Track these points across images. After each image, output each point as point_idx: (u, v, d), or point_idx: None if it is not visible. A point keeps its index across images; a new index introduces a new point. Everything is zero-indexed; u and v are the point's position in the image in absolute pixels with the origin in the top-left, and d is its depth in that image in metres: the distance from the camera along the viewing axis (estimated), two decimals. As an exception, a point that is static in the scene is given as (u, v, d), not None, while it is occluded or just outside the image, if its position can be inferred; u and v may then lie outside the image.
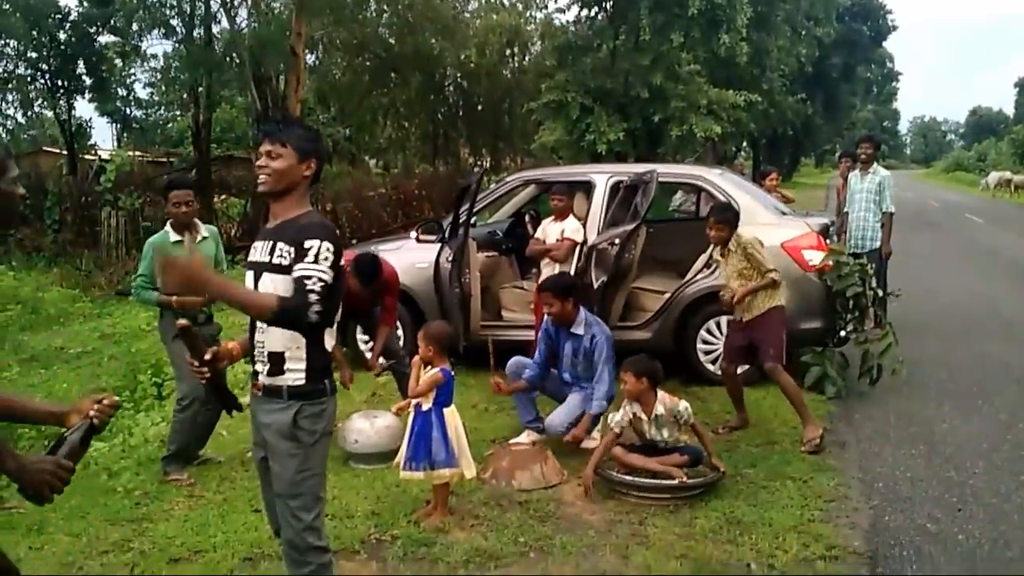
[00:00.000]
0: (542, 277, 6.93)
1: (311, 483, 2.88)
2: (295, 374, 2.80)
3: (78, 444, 2.25)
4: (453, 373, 4.36)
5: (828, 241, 6.80)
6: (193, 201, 5.14)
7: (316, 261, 2.68)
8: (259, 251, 2.84)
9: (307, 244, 2.70)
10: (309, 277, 2.66)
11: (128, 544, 4.16)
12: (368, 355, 6.37)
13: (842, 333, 6.69)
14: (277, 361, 2.80)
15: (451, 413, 4.30)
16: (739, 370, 5.87)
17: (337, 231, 2.84)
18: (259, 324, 2.82)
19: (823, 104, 34.93)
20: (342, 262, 2.79)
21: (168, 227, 5.11)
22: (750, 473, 4.85)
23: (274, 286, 2.74)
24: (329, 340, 2.84)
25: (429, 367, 4.29)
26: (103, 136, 65.42)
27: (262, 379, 2.85)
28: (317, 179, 2.91)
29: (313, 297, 2.65)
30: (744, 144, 38.68)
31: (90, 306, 12.39)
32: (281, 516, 2.90)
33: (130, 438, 6.17)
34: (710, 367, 6.73)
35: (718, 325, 6.69)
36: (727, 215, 5.64)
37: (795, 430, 5.49)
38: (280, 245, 2.76)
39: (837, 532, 4.09)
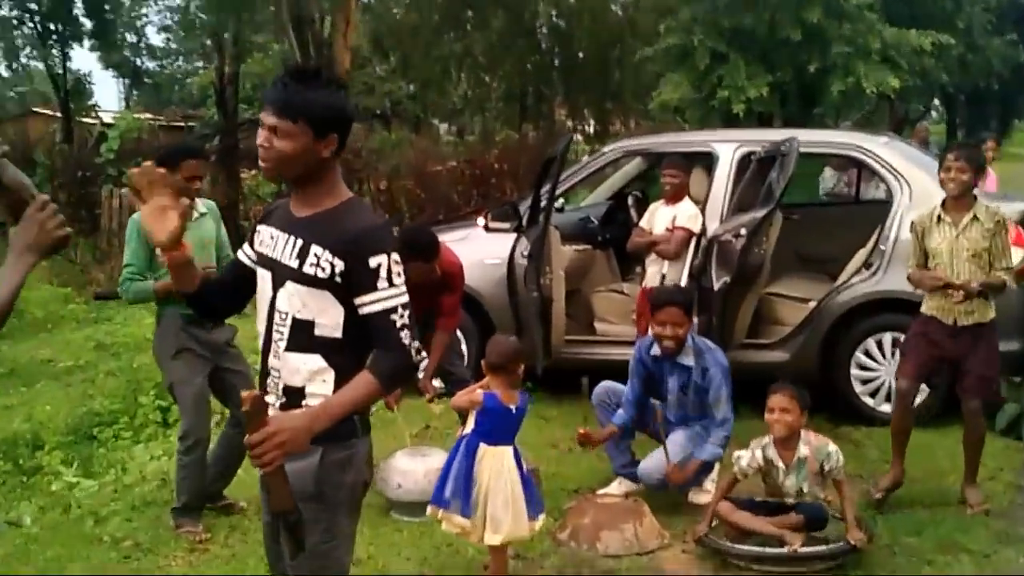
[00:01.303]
0: (647, 278, 6.98)
1: (339, 553, 2.82)
2: None
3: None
4: (515, 408, 4.36)
5: (1029, 233, 6.62)
6: (205, 175, 5.21)
7: (391, 283, 2.66)
8: (280, 246, 2.78)
9: (372, 263, 2.63)
10: (393, 310, 2.65)
11: (110, 609, 4.36)
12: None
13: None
14: (294, 396, 2.75)
15: (492, 454, 4.29)
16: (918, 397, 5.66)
17: (391, 226, 2.81)
18: (273, 345, 2.76)
19: (1044, 47, 33.81)
20: None
21: None
22: (912, 543, 4.78)
23: (300, 301, 2.68)
24: None
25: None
26: (107, 94, 67.69)
27: (272, 414, 2.68)
28: (342, 149, 2.78)
29: (406, 335, 2.66)
30: (936, 102, 37.76)
31: (85, 308, 12.90)
32: None
33: (123, 476, 6.44)
34: (868, 401, 6.66)
35: (880, 345, 6.62)
36: (973, 153, 5.30)
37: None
38: (317, 250, 2.68)
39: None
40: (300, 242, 2.71)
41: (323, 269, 2.65)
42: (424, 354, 2.71)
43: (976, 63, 23.85)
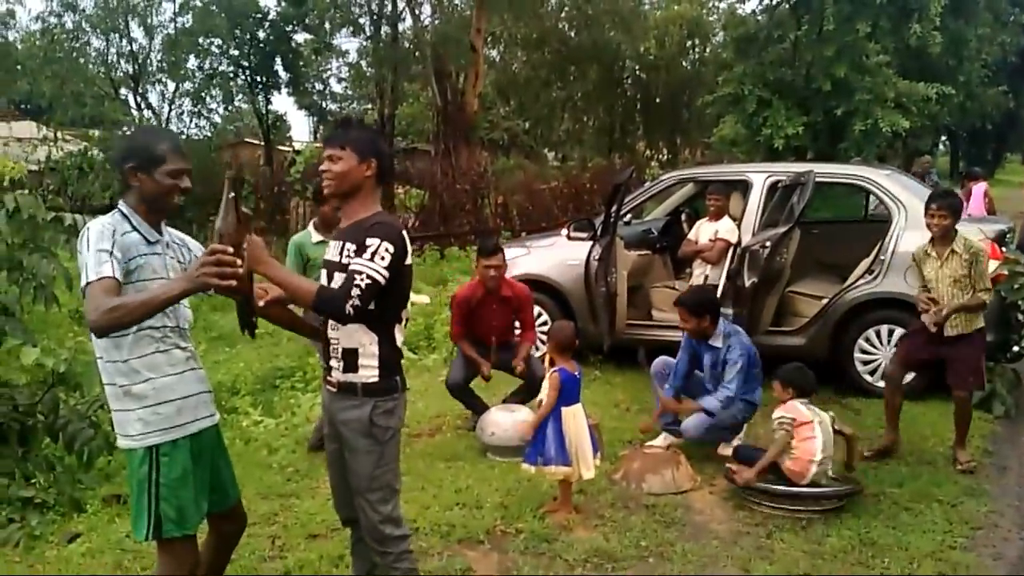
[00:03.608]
0: (693, 277, 6.91)
1: (388, 477, 2.94)
2: (369, 371, 2.85)
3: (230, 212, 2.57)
4: (577, 373, 4.38)
5: (1004, 249, 6.32)
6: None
7: (372, 259, 2.72)
8: (331, 250, 2.93)
9: (368, 242, 2.74)
10: (360, 272, 2.71)
11: (274, 518, 4.45)
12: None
13: (1015, 348, 6.22)
14: (351, 357, 2.86)
15: (572, 413, 4.31)
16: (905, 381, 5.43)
17: (404, 232, 2.84)
18: (331, 320, 2.88)
19: (1032, 96, 32.31)
20: (407, 261, 2.83)
21: (311, 226, 5.33)
22: (895, 492, 4.61)
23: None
24: (399, 336, 2.89)
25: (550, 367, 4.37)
26: (300, 128, 69.31)
27: (336, 375, 2.91)
28: (383, 179, 2.91)
29: (356, 291, 2.69)
30: (944, 139, 36.31)
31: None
32: (359, 508, 2.97)
33: (292, 417, 6.57)
34: (867, 378, 6.41)
35: (878, 334, 6.38)
36: (953, 201, 5.05)
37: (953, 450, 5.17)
38: (347, 245, 2.82)
39: (979, 562, 3.85)
40: (341, 243, 2.87)
41: (350, 257, 2.79)
42: (352, 311, 2.67)
43: (974, 109, 22.90)
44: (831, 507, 4.38)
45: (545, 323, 6.86)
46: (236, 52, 21.69)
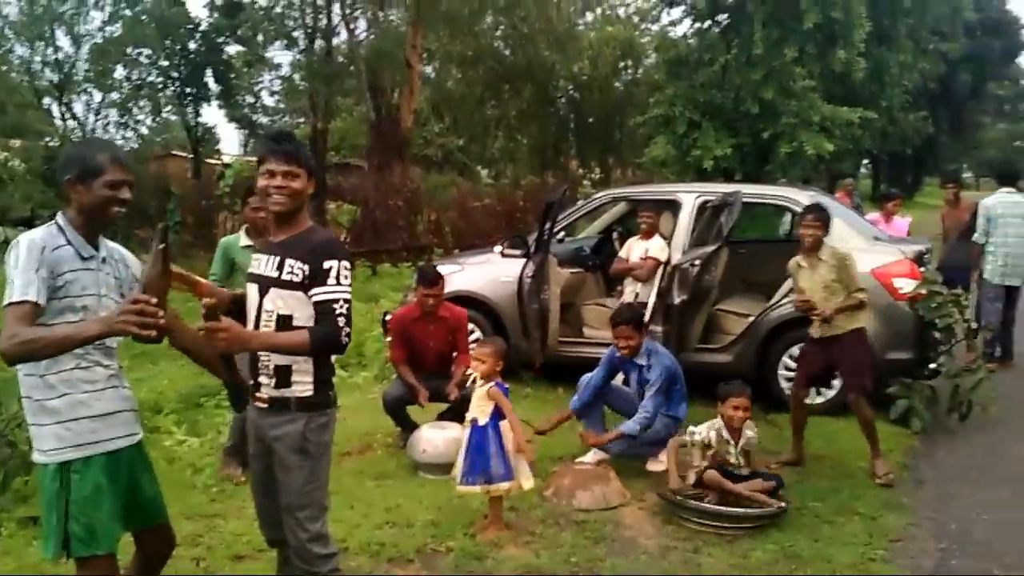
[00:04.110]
0: (625, 295, 6.98)
1: (318, 494, 2.92)
2: (303, 386, 2.84)
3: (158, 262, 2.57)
4: (507, 387, 4.42)
5: (922, 269, 6.55)
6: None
7: (338, 282, 2.75)
8: (263, 265, 2.88)
9: (326, 265, 2.75)
10: (336, 301, 2.74)
11: (199, 539, 4.35)
12: None
13: (932, 366, 6.43)
14: (284, 374, 2.84)
15: (507, 427, 4.33)
16: (808, 399, 5.65)
17: (345, 246, 2.90)
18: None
19: (949, 122, 33.55)
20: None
21: (242, 231, 5.26)
22: (817, 507, 4.72)
23: (282, 301, 2.80)
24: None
25: (483, 382, 4.37)
26: (230, 141, 68.14)
27: (267, 392, 2.87)
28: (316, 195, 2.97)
29: (342, 321, 2.74)
30: (866, 162, 37.45)
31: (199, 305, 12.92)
32: (287, 527, 2.92)
33: (219, 436, 6.44)
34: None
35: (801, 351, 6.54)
36: (823, 214, 5.35)
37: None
38: (290, 262, 2.79)
39: (898, 573, 3.95)
40: (277, 258, 2.83)
41: (296, 275, 2.79)
42: (346, 339, 2.78)
43: (895, 133, 23.70)
44: (758, 524, 4.46)
45: (477, 339, 6.86)
46: (166, 63, 21.34)
